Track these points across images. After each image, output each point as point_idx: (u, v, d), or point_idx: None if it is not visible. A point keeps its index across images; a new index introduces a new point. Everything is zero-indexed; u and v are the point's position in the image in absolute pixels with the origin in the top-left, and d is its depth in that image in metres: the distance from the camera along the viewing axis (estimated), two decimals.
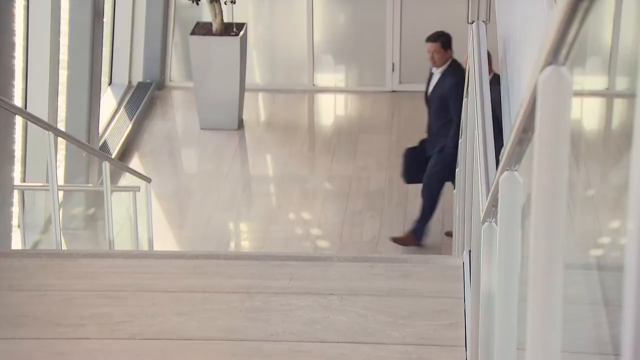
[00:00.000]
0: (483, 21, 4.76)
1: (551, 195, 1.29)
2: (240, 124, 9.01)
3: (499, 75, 5.69)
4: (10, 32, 5.85)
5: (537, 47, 2.65)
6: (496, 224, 2.35)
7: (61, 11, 7.17)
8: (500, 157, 2.02)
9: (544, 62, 1.23)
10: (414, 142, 8.08)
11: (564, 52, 1.18)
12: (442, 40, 6.78)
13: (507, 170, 1.91)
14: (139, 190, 6.70)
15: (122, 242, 6.86)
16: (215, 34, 8.77)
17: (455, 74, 6.73)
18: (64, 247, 5.79)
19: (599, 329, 1.65)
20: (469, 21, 7.03)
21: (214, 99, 8.88)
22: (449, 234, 7.05)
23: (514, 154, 1.79)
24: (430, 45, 6.79)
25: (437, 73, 6.83)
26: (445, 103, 6.74)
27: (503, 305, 2.05)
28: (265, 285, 3.84)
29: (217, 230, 7.51)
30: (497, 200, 2.11)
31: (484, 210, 2.51)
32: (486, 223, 2.47)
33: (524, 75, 2.94)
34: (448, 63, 6.82)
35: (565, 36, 1.13)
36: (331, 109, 9.68)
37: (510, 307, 2.03)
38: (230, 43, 8.76)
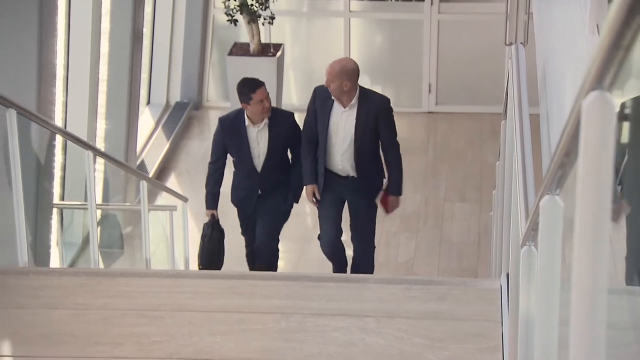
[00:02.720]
0: (521, 43, 4.74)
1: (595, 220, 1.29)
2: None
3: None
4: (52, 53, 5.93)
5: (578, 71, 2.63)
6: (536, 247, 2.34)
7: (101, 32, 7.26)
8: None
9: (589, 86, 1.22)
10: (446, 164, 8.05)
11: (609, 77, 1.18)
12: (264, 85, 5.73)
13: (548, 194, 1.90)
14: (176, 210, 6.74)
15: (158, 261, 6.90)
16: (252, 55, 8.82)
17: (288, 114, 5.89)
18: (101, 265, 5.83)
19: None
20: (507, 43, 7.02)
21: None
22: None
23: (556, 177, 1.78)
24: (262, 91, 5.61)
25: (261, 127, 5.71)
26: (286, 144, 5.81)
27: (543, 330, 2.04)
28: (301, 306, 3.84)
29: None
30: (537, 224, 2.10)
31: (523, 234, 2.50)
32: (525, 246, 2.45)
33: (565, 99, 2.93)
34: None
35: (610, 62, 1.13)
36: None
37: (551, 331, 2.01)
38: (268, 63, 8.81)
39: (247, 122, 5.68)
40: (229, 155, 5.93)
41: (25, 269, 4.24)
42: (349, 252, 6.16)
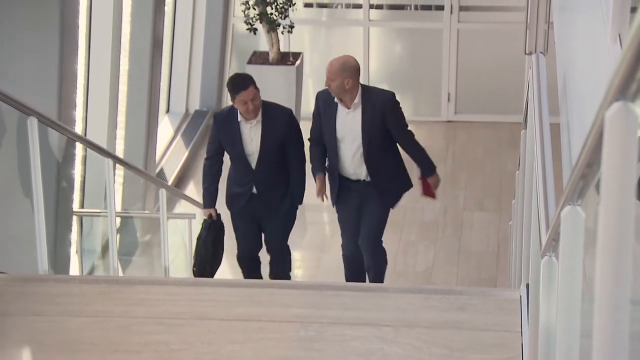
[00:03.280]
0: (541, 52, 4.72)
1: (618, 231, 1.28)
2: None
3: None
4: (73, 61, 5.97)
5: (600, 81, 2.62)
6: (556, 258, 2.33)
7: (121, 41, 7.30)
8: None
9: (612, 97, 1.22)
10: (465, 174, 8.01)
11: (633, 88, 1.17)
12: (251, 81, 5.39)
13: (570, 204, 1.90)
14: (195, 218, 6.75)
15: (177, 269, 6.91)
16: (271, 63, 8.84)
17: (284, 110, 5.59)
18: (120, 273, 5.85)
19: None
20: (526, 52, 7.01)
21: None
22: None
23: (577, 188, 1.77)
24: (246, 93, 5.32)
25: (254, 124, 5.47)
26: (282, 148, 5.54)
27: (564, 341, 2.03)
28: (320, 315, 3.84)
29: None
30: (557, 234, 2.09)
31: (544, 244, 2.48)
32: (546, 257, 2.44)
33: (587, 109, 2.91)
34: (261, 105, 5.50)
35: (634, 72, 1.13)
36: None
37: (572, 343, 2.00)
38: (287, 72, 8.82)
39: (239, 118, 5.47)
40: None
41: (46, 277, 4.26)
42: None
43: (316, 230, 7.95)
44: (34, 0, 5.55)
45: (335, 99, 5.43)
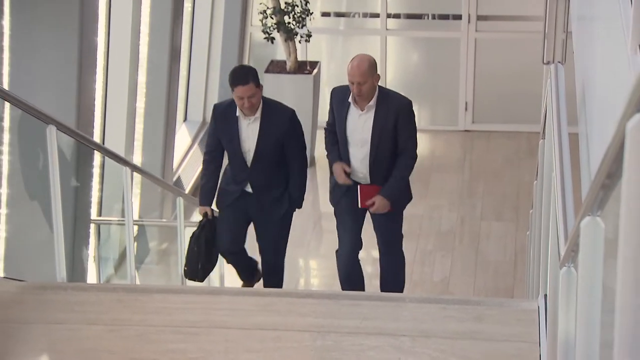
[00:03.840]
0: (559, 62, 4.71)
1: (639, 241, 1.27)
2: (312, 161, 9.05)
3: None
4: (92, 70, 6.00)
5: (620, 91, 2.60)
6: (575, 269, 2.32)
7: (140, 50, 7.33)
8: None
9: (633, 108, 1.21)
10: (486, 182, 8.01)
11: None
12: (253, 77, 5.07)
13: (589, 215, 1.89)
14: None
15: None
16: (289, 72, 8.86)
17: (286, 110, 5.29)
18: (137, 281, 5.85)
19: None
20: (545, 62, 7.00)
21: None
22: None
23: (597, 199, 1.76)
24: (244, 89, 5.01)
25: (252, 120, 5.20)
26: (280, 148, 5.27)
27: (583, 352, 2.02)
28: (337, 325, 3.83)
29: (287, 266, 7.52)
30: (577, 245, 2.09)
31: (563, 255, 2.47)
32: (564, 267, 2.43)
33: (606, 119, 2.91)
34: (261, 103, 5.19)
35: None
36: None
37: (591, 354, 1.99)
38: (304, 81, 8.84)
39: (238, 112, 5.19)
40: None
41: (64, 285, 4.27)
42: (368, 270, 5.99)
43: (333, 238, 7.93)
44: (53, 10, 5.58)
45: (349, 99, 5.21)
